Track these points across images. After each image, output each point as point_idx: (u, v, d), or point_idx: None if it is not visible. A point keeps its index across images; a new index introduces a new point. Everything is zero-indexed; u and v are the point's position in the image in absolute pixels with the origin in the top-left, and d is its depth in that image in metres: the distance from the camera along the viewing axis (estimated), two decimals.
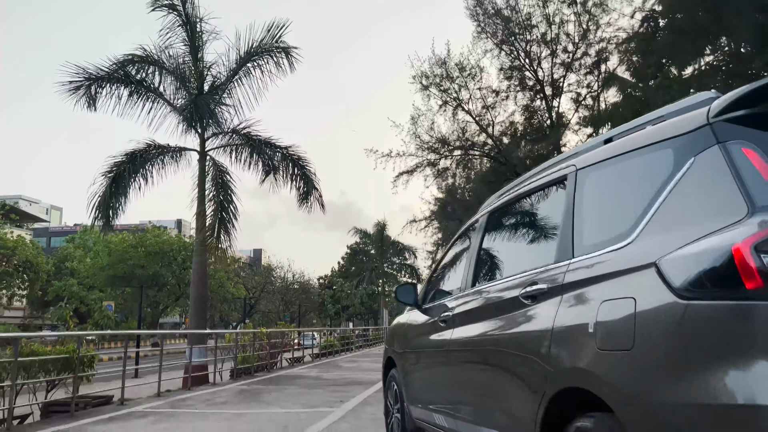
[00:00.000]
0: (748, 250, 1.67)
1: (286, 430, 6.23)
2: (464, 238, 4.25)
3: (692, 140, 2.09)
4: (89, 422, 7.19)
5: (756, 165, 1.83)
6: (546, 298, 2.62)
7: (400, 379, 4.84)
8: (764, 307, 1.64)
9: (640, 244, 2.13)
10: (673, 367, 1.84)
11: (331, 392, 10.12)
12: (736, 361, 1.67)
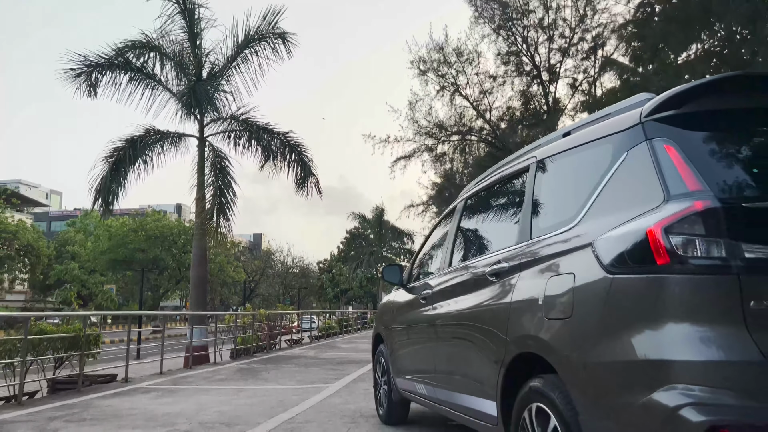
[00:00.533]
0: (659, 233, 1.99)
1: (283, 403, 6.60)
2: (444, 221, 4.57)
3: (627, 137, 2.40)
4: (96, 397, 7.57)
5: (673, 159, 2.14)
6: (507, 276, 2.95)
7: (387, 354, 5.19)
8: (672, 280, 1.97)
9: (581, 227, 2.45)
10: (601, 331, 2.17)
11: (326, 370, 10.52)
12: (650, 324, 2.00)
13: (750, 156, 2.23)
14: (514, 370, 2.77)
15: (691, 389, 1.84)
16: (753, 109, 2.27)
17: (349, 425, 5.22)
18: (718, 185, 2.03)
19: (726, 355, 1.86)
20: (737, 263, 1.90)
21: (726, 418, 1.77)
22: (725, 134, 2.26)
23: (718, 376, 1.84)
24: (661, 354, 1.95)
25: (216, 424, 5.40)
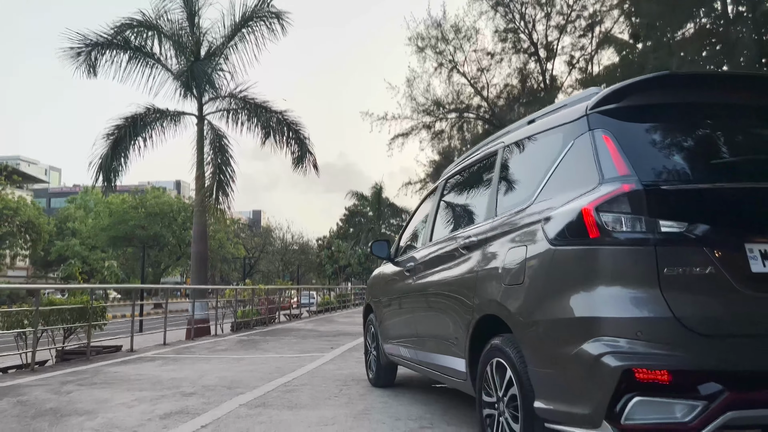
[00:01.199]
0: (591, 211, 2.36)
1: (280, 370, 7.04)
2: (428, 199, 4.93)
3: (575, 127, 2.75)
4: (104, 364, 8.02)
5: (609, 148, 2.49)
6: (476, 249, 3.33)
7: (376, 322, 5.60)
8: (601, 251, 2.34)
9: (534, 206, 2.82)
10: (545, 295, 2.55)
11: (323, 341, 10.98)
12: (583, 288, 2.38)
13: (672, 145, 2.58)
14: (479, 331, 3.17)
15: (613, 340, 2.23)
16: (678, 104, 2.62)
17: (341, 387, 5.65)
18: (644, 170, 2.39)
19: (642, 312, 2.24)
20: (654, 237, 2.27)
21: (637, 363, 2.17)
22: (654, 126, 2.61)
23: (634, 329, 2.22)
24: (591, 312, 2.33)
25: (218, 387, 5.83)
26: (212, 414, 4.52)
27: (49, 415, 4.62)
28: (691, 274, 2.24)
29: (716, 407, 2.11)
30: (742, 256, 2.28)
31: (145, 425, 4.19)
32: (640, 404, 2.15)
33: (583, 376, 2.28)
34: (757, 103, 2.67)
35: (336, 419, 4.26)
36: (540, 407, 2.52)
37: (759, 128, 2.71)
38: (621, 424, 2.16)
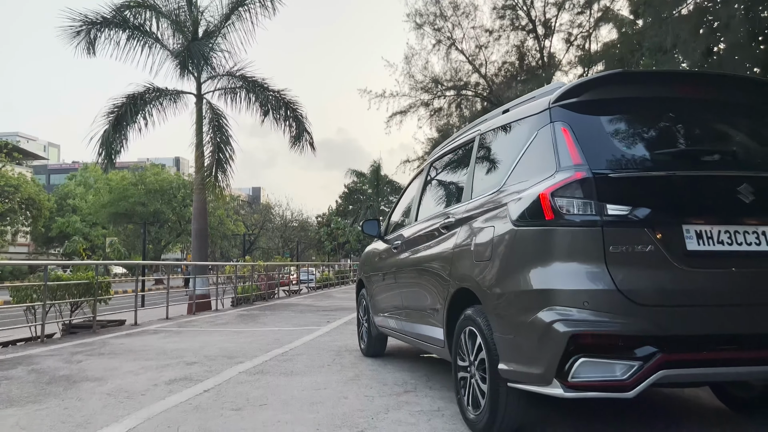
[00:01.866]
0: (548, 196, 2.66)
1: (278, 341, 7.41)
2: (415, 181, 5.22)
3: (539, 119, 3.03)
4: (110, 337, 8.40)
5: (566, 139, 2.79)
6: (453, 228, 3.64)
7: (367, 296, 5.94)
8: (555, 231, 2.65)
9: (501, 191, 3.12)
10: (508, 270, 2.87)
11: (320, 316, 11.37)
12: (540, 263, 2.69)
13: (622, 136, 2.87)
14: (455, 303, 3.49)
15: (563, 309, 2.55)
16: (629, 99, 2.91)
17: (335, 357, 6.01)
18: (595, 159, 2.69)
19: (589, 285, 2.55)
20: (602, 219, 2.58)
21: (583, 329, 2.49)
22: (607, 119, 2.90)
23: (582, 300, 2.54)
24: (546, 285, 2.65)
25: (219, 357, 6.19)
26: (214, 380, 4.88)
27: (63, 381, 4.98)
28: (634, 252, 2.55)
29: (650, 367, 2.44)
30: (679, 235, 2.59)
31: (153, 390, 4.55)
32: (584, 364, 2.48)
33: (538, 341, 2.61)
34: (698, 98, 2.96)
35: (328, 384, 4.62)
36: (503, 369, 2.85)
37: (698, 122, 3.01)
38: (568, 381, 2.49)
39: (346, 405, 3.94)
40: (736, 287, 2.61)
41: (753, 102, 3.07)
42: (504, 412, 2.95)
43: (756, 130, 3.10)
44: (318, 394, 4.27)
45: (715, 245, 2.61)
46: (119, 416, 3.76)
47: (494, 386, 2.96)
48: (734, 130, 3.08)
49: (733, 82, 3.24)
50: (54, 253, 63.70)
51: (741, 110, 3.08)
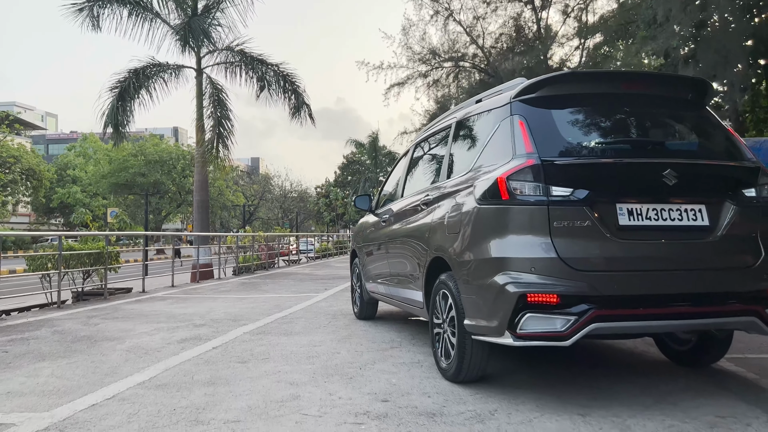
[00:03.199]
0: (504, 179, 3.16)
1: (278, 306, 7.99)
2: (402, 159, 5.71)
3: (502, 111, 3.52)
4: (121, 303, 8.98)
5: (522, 130, 3.27)
6: (431, 205, 4.15)
7: (359, 265, 6.48)
8: (510, 209, 3.16)
9: (470, 173, 3.63)
10: (472, 241, 3.38)
11: (318, 284, 11.96)
12: (497, 236, 3.21)
13: (568, 127, 3.36)
14: (431, 270, 4.02)
15: (514, 274, 3.08)
16: (576, 95, 3.39)
17: (330, 320, 6.59)
18: (544, 148, 3.18)
19: (536, 254, 3.07)
20: (548, 199, 3.08)
21: (529, 290, 3.02)
22: (557, 112, 3.38)
23: (530, 266, 3.06)
24: (501, 254, 3.17)
25: (224, 320, 6.77)
26: (221, 339, 5.45)
27: (85, 341, 5.55)
28: (574, 226, 3.06)
29: (583, 321, 2.97)
30: (613, 212, 3.10)
31: (167, 347, 5.12)
32: (530, 319, 3.01)
33: (493, 300, 3.14)
34: (633, 95, 3.45)
35: (323, 342, 5.19)
36: (467, 324, 3.39)
37: (632, 115, 3.50)
38: (517, 332, 3.03)
39: (338, 358, 4.51)
40: (660, 255, 3.13)
41: (678, 97, 3.56)
42: (469, 361, 3.51)
43: (680, 121, 3.60)
44: (314, 350, 4.84)
45: (644, 221, 3.12)
46: (140, 367, 4.32)
47: (461, 339, 3.51)
48: (662, 121, 3.57)
49: (662, 80, 3.74)
50: (55, 223, 64.29)
51: (668, 104, 3.57)
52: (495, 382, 3.70)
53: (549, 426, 2.87)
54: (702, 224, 3.18)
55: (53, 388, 3.78)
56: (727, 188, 3.27)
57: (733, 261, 3.22)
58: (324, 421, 3.00)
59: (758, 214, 3.30)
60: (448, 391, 3.52)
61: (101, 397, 3.54)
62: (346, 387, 3.65)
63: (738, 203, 3.24)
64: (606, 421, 2.92)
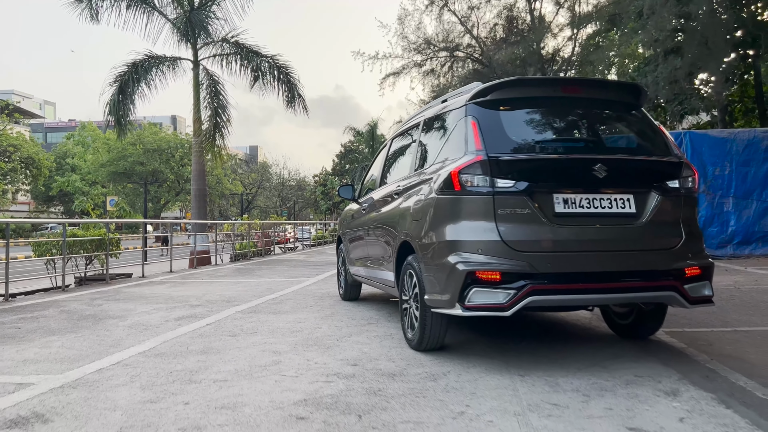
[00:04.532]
0: (456, 173, 3.64)
1: (270, 289, 8.49)
2: (381, 152, 6.18)
3: (460, 112, 3.98)
4: (122, 286, 9.48)
5: (473, 130, 3.74)
6: (400, 195, 4.62)
7: (344, 249, 6.97)
8: (462, 198, 3.63)
9: (432, 167, 4.10)
10: (431, 226, 3.87)
11: (311, 269, 12.46)
12: (451, 222, 3.69)
13: (513, 127, 3.83)
14: (401, 252, 4.51)
15: (465, 254, 3.56)
16: (522, 99, 3.86)
17: (317, 301, 7.09)
18: (492, 146, 3.65)
19: (483, 237, 3.55)
20: (493, 190, 3.56)
21: (476, 268, 3.50)
22: (504, 114, 3.85)
23: (477, 247, 3.54)
24: (454, 237, 3.65)
25: (219, 301, 7.27)
26: (214, 317, 5.95)
27: (90, 319, 6.05)
28: (516, 214, 3.54)
29: (522, 294, 3.45)
30: (550, 201, 3.58)
31: (165, 324, 5.61)
32: (477, 293, 3.50)
33: (446, 277, 3.63)
34: (571, 98, 3.91)
35: (307, 319, 5.69)
36: (427, 299, 3.88)
37: (570, 116, 3.97)
38: (465, 304, 3.52)
39: (319, 332, 5.01)
40: (591, 238, 3.61)
41: (614, 100, 4.03)
42: (429, 332, 4.00)
43: (614, 122, 4.07)
44: (298, 325, 5.34)
45: (577, 208, 3.60)
46: (141, 340, 4.82)
47: (423, 313, 4.00)
48: (597, 122, 4.05)
49: (599, 84, 4.21)
50: (54, 211, 64.78)
51: (604, 106, 4.04)
52: (453, 351, 4.19)
53: (491, 383, 3.36)
54: (629, 211, 3.67)
55: (64, 357, 4.27)
56: (653, 180, 3.75)
57: (657, 243, 3.70)
58: (299, 380, 3.50)
59: (680, 203, 3.79)
60: (411, 357, 4.02)
61: (107, 363, 4.04)
62: (323, 355, 4.15)
63: (662, 193, 3.72)
64: (540, 379, 3.42)
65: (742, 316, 5.42)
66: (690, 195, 3.86)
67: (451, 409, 2.90)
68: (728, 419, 2.71)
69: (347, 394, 3.20)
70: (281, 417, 2.83)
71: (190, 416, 2.87)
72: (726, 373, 3.50)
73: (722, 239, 11.48)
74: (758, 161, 11.41)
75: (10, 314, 6.47)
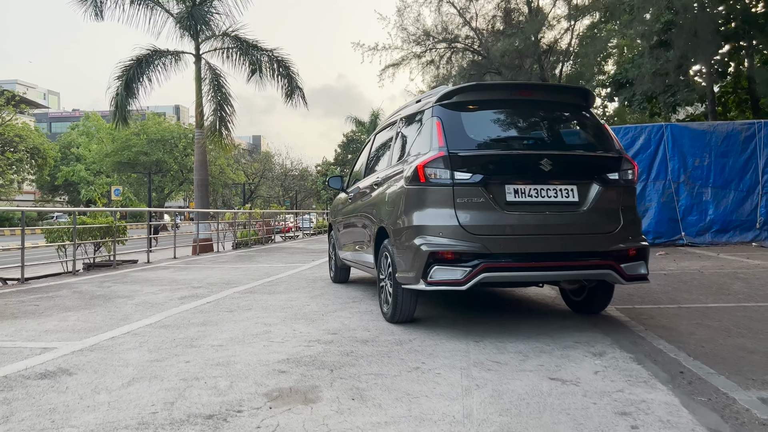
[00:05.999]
0: (422, 167, 4.18)
1: (267, 273, 9.06)
2: (366, 147, 6.71)
3: (428, 112, 4.52)
4: (128, 271, 10.07)
5: (437, 129, 4.28)
6: (380, 185, 5.17)
7: (334, 236, 7.53)
8: (426, 189, 4.18)
9: (404, 162, 4.64)
10: (402, 213, 4.41)
11: (308, 256, 13.04)
12: (417, 209, 4.24)
13: (471, 127, 4.36)
14: (378, 237, 5.06)
15: (428, 237, 4.11)
16: (480, 101, 4.39)
17: (309, 283, 7.66)
18: (452, 143, 4.19)
19: (443, 222, 4.10)
20: (452, 181, 4.10)
21: (438, 249, 4.05)
22: (464, 115, 4.38)
23: (438, 231, 4.09)
24: (419, 222, 4.20)
25: (219, 283, 7.84)
26: (214, 297, 6.52)
27: (101, 298, 6.63)
28: (472, 202, 4.09)
29: (476, 271, 4.00)
30: (502, 192, 4.11)
31: (169, 302, 6.19)
32: (438, 270, 4.05)
33: (412, 257, 4.18)
34: (524, 100, 4.45)
35: (298, 298, 6.26)
36: (398, 276, 4.43)
37: (522, 116, 4.50)
38: (428, 280, 4.07)
39: (307, 308, 5.58)
40: (538, 223, 4.15)
41: (563, 101, 4.56)
42: (401, 305, 4.56)
43: (562, 121, 4.60)
44: (289, 303, 5.91)
45: (526, 198, 4.14)
46: (148, 315, 5.40)
47: (395, 289, 4.56)
48: (546, 121, 4.57)
49: (550, 88, 4.73)
50: (60, 200, 65.53)
51: (554, 108, 4.57)
52: (423, 323, 4.76)
53: (448, 346, 3.92)
54: (573, 200, 4.20)
55: (81, 328, 4.85)
56: (594, 173, 4.28)
57: (597, 228, 4.24)
58: (284, 345, 4.07)
59: (620, 193, 4.32)
60: (384, 328, 4.59)
61: (118, 333, 4.61)
62: (308, 326, 4.72)
63: (603, 184, 4.25)
64: (491, 344, 3.98)
65: (693, 295, 5.96)
66: (629, 186, 4.39)
67: (408, 365, 3.47)
68: (635, 372, 3.27)
69: (324, 355, 3.77)
70: (266, 371, 3.40)
71: (190, 371, 3.44)
72: (652, 339, 4.05)
73: (701, 227, 12.01)
74: (736, 153, 11.91)
75: (28, 294, 7.07)
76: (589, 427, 2.47)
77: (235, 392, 3.01)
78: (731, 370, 3.26)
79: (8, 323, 5.14)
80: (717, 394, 2.87)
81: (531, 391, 2.94)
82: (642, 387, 3.00)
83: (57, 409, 2.81)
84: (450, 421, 2.56)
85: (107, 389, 3.12)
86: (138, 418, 2.67)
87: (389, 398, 2.87)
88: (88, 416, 2.71)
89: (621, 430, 2.44)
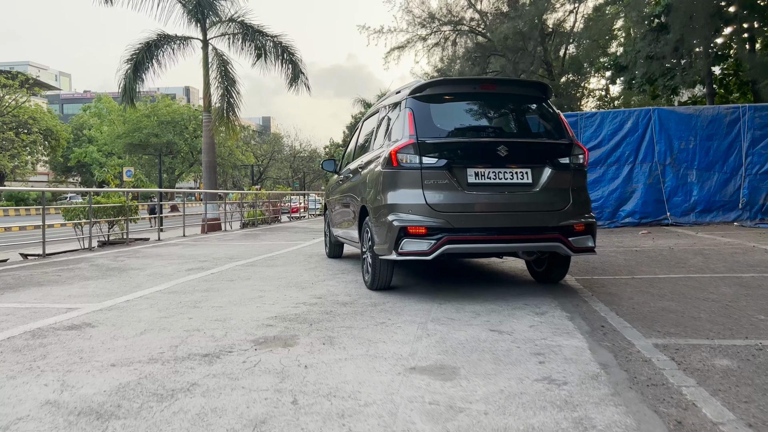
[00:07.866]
0: (395, 153, 4.79)
1: (269, 250, 9.74)
2: (355, 132, 7.31)
3: (403, 104, 5.10)
4: (140, 247, 10.79)
5: (409, 119, 4.87)
6: (363, 169, 5.78)
7: (328, 215, 8.16)
8: (399, 172, 4.79)
9: (383, 147, 5.24)
10: (379, 193, 5.02)
11: (309, 234, 13.71)
12: (391, 190, 4.85)
13: (439, 117, 4.94)
14: (361, 215, 5.68)
15: (399, 214, 4.73)
16: (448, 94, 4.97)
17: (306, 258, 8.32)
18: (421, 131, 4.78)
19: (413, 201, 4.71)
20: (421, 165, 4.70)
21: (407, 224, 4.66)
22: (433, 106, 4.96)
23: (408, 209, 4.71)
24: (393, 201, 4.81)
25: (223, 258, 8.52)
26: (218, 269, 7.20)
27: (115, 270, 7.33)
28: (438, 183, 4.68)
29: (439, 243, 4.61)
30: (464, 174, 4.71)
31: (177, 273, 6.87)
32: (407, 242, 4.67)
33: (386, 232, 4.80)
34: (487, 93, 5.02)
35: (294, 271, 6.92)
36: (375, 248, 5.05)
37: (484, 107, 5.07)
38: (399, 251, 4.69)
39: (300, 278, 6.24)
40: (496, 202, 4.74)
41: (523, 94, 5.12)
42: (379, 274, 5.20)
43: (521, 112, 5.17)
44: (284, 274, 6.57)
45: (485, 180, 4.73)
46: (158, 283, 6.08)
47: (374, 260, 5.19)
48: (506, 112, 5.14)
49: (511, 82, 5.29)
50: (73, 181, 66.72)
51: (514, 100, 5.13)
52: (399, 290, 5.39)
53: (415, 307, 4.55)
54: (527, 182, 4.79)
55: (99, 293, 5.54)
56: (546, 157, 4.85)
57: (548, 206, 4.83)
58: (275, 306, 4.72)
59: (570, 176, 4.90)
60: (364, 293, 5.23)
61: (132, 297, 5.29)
62: (298, 292, 5.38)
63: (554, 167, 4.83)
64: (452, 306, 4.61)
65: (650, 268, 6.55)
66: (579, 169, 4.97)
67: (376, 321, 4.11)
68: (563, 326, 3.89)
69: (307, 313, 4.42)
70: (256, 325, 4.06)
71: (192, 324, 4.11)
72: (593, 303, 4.66)
73: (685, 208, 12.52)
74: (720, 136, 12.36)
75: (50, 266, 7.78)
76: (505, 362, 3.10)
77: (228, 339, 3.67)
78: (645, 324, 3.87)
79: (36, 289, 5.84)
80: (622, 341, 3.48)
81: (470, 339, 3.58)
82: (563, 337, 3.62)
83: (84, 350, 3.48)
84: (397, 357, 3.20)
85: (124, 337, 3.79)
86: (149, 356, 3.34)
87: (354, 343, 3.52)
88: (109, 355, 3.38)
89: (530, 364, 3.06)
